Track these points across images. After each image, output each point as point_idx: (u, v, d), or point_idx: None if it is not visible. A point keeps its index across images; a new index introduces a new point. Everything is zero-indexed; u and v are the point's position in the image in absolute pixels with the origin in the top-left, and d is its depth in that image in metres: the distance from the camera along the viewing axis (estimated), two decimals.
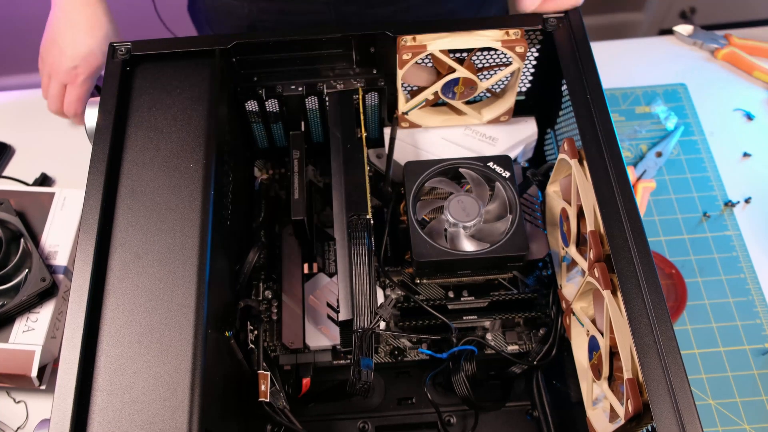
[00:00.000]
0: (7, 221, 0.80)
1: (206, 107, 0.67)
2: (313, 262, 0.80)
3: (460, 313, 0.75)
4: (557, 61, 0.72)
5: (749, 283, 0.88)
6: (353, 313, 0.65)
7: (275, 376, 0.70)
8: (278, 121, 0.83)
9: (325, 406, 0.77)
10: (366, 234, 0.68)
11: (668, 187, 0.96)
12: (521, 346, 0.76)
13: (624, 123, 1.01)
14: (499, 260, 0.72)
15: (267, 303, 0.79)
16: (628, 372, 0.56)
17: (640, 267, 0.58)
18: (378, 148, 0.85)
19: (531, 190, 0.80)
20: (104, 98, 0.67)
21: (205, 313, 0.57)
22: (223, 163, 0.69)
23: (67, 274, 0.80)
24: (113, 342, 0.56)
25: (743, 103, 1.02)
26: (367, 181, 0.73)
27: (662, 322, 0.56)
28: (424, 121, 0.83)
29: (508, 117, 0.83)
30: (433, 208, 0.75)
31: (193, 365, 0.55)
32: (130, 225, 0.61)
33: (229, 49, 0.71)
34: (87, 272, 0.58)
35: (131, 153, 0.65)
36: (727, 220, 0.92)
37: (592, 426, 0.64)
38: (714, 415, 0.79)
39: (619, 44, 1.10)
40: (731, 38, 1.06)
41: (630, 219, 0.61)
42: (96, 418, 0.53)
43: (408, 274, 0.78)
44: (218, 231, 0.64)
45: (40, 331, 0.76)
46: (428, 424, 0.76)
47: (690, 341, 0.84)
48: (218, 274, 0.63)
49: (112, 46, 0.70)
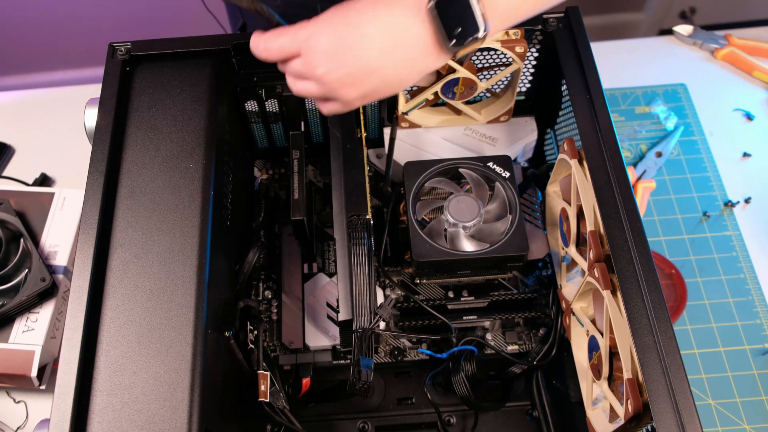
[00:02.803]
0: (6, 221, 0.80)
1: (206, 107, 0.67)
2: (313, 262, 0.80)
3: (459, 313, 0.75)
4: (557, 61, 0.72)
5: (749, 283, 0.88)
6: (353, 313, 0.65)
7: (275, 376, 0.70)
8: (278, 121, 0.83)
9: (325, 406, 0.77)
10: (366, 234, 0.68)
11: (668, 187, 0.96)
12: (521, 346, 0.76)
13: (624, 123, 1.01)
14: (498, 260, 0.72)
15: (267, 303, 0.79)
16: (627, 372, 0.56)
17: (640, 267, 0.58)
18: (378, 148, 0.85)
19: (531, 190, 0.80)
20: (104, 98, 0.67)
21: (205, 313, 0.57)
22: (223, 163, 0.69)
23: (66, 274, 0.80)
24: (113, 342, 0.56)
25: (743, 103, 1.02)
26: (366, 181, 0.73)
27: (662, 322, 0.56)
28: (424, 121, 0.83)
29: (508, 117, 0.83)
30: (433, 208, 0.75)
31: (193, 365, 0.55)
32: (129, 225, 0.61)
33: (229, 49, 0.71)
34: (87, 272, 0.58)
35: (131, 153, 0.65)
36: (726, 220, 0.92)
37: (591, 426, 0.64)
38: (714, 415, 0.79)
39: (619, 44, 1.10)
40: (731, 38, 1.06)
41: (630, 219, 0.61)
42: (96, 418, 0.53)
43: (408, 274, 0.78)
44: (218, 231, 0.64)
45: (40, 331, 0.76)
46: (428, 424, 0.76)
47: (690, 341, 0.84)
48: (218, 274, 0.63)
49: (112, 46, 0.70)
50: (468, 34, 0.56)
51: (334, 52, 0.58)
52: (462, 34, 0.56)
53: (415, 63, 0.59)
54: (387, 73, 0.59)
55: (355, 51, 0.57)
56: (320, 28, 0.58)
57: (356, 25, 0.57)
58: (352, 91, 0.60)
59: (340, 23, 0.58)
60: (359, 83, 0.59)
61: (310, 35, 0.58)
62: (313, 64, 0.59)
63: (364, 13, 0.57)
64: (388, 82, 0.60)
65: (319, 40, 0.58)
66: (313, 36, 0.58)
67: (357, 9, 0.58)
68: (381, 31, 0.57)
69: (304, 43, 0.59)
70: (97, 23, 1.67)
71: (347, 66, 0.58)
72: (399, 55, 0.58)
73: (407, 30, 0.57)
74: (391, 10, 0.57)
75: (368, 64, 0.58)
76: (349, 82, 0.59)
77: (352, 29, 0.57)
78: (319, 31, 0.58)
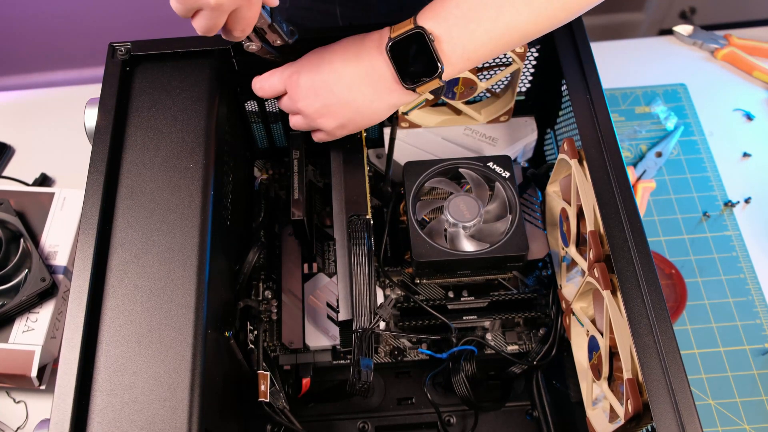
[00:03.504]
0: (6, 221, 0.80)
1: (206, 107, 0.67)
2: (313, 262, 0.80)
3: (459, 313, 0.75)
4: (557, 61, 0.72)
5: (749, 283, 0.88)
6: (353, 313, 0.65)
7: (275, 376, 0.70)
8: (278, 121, 0.83)
9: (325, 406, 0.77)
10: (366, 234, 0.68)
11: (668, 187, 0.96)
12: (521, 346, 0.76)
13: (624, 123, 1.01)
14: (498, 260, 0.72)
15: (267, 303, 0.79)
16: (627, 372, 0.56)
17: (640, 267, 0.58)
18: (378, 148, 0.85)
19: (531, 190, 0.80)
20: (104, 98, 0.67)
21: (205, 313, 0.57)
22: (223, 163, 0.69)
23: (66, 274, 0.80)
24: (113, 342, 0.56)
25: (743, 103, 1.02)
26: (366, 181, 0.73)
27: (662, 322, 0.56)
28: (424, 121, 0.83)
29: (507, 117, 0.83)
30: (433, 208, 0.75)
31: (193, 365, 0.55)
32: (129, 225, 0.61)
33: (228, 49, 0.71)
34: (87, 272, 0.58)
35: (131, 153, 0.65)
36: (726, 220, 0.92)
37: (591, 426, 0.64)
38: (714, 415, 0.79)
39: (619, 44, 1.10)
40: (731, 38, 1.06)
41: (630, 219, 0.61)
42: (96, 418, 0.53)
43: (408, 274, 0.78)
44: (218, 231, 0.64)
45: (40, 331, 0.76)
46: (428, 424, 0.76)
47: (690, 341, 0.84)
48: (218, 274, 0.63)
49: (112, 46, 0.70)
50: (422, 75, 0.62)
51: (311, 87, 0.65)
52: (416, 74, 0.62)
53: (382, 97, 0.65)
54: (358, 105, 0.65)
55: (328, 85, 0.65)
56: (302, 68, 0.66)
57: (330, 62, 0.65)
58: (330, 121, 0.67)
59: (317, 63, 0.66)
60: (335, 113, 0.66)
61: (292, 74, 0.67)
62: (294, 98, 0.67)
63: (338, 53, 0.65)
64: (362, 113, 0.66)
65: (300, 77, 0.66)
66: (295, 74, 0.66)
67: (332, 50, 0.66)
68: (351, 69, 0.64)
69: (287, 80, 0.67)
70: (97, 23, 1.67)
71: (322, 99, 0.65)
72: (367, 90, 0.64)
73: (373, 68, 0.63)
74: (360, 50, 0.64)
75: (340, 96, 0.65)
76: (326, 113, 0.66)
77: (326, 66, 0.65)
78: (301, 71, 0.66)
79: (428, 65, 0.61)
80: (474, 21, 0.60)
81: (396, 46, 0.61)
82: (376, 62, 0.63)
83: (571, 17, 0.62)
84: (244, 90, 0.77)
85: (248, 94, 0.78)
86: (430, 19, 0.61)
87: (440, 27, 0.60)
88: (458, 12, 0.60)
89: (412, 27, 0.61)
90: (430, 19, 0.61)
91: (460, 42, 0.60)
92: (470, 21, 0.60)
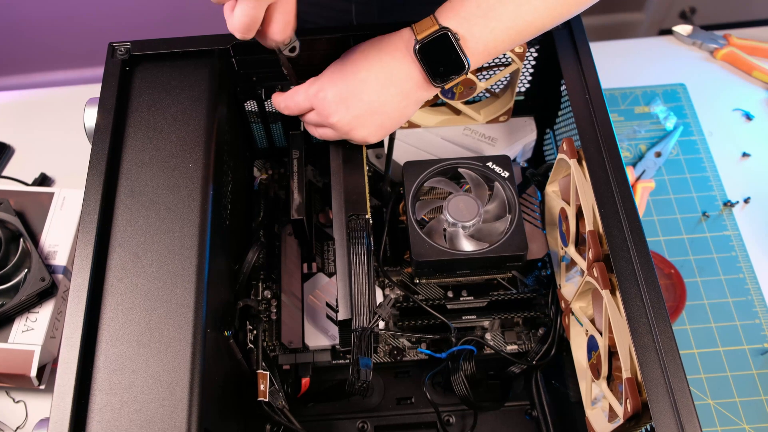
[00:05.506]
0: (6, 221, 0.80)
1: (206, 107, 0.67)
2: (312, 262, 0.80)
3: (459, 312, 0.76)
4: (556, 61, 0.72)
5: (748, 283, 0.88)
6: (352, 313, 0.65)
7: (274, 376, 0.70)
8: (278, 121, 0.83)
9: (324, 406, 0.77)
10: (365, 234, 0.68)
11: (667, 187, 0.96)
12: (520, 345, 0.76)
13: (623, 123, 1.01)
14: (498, 260, 0.72)
15: (266, 303, 0.79)
16: (626, 371, 0.56)
17: (639, 267, 0.58)
18: (377, 148, 0.85)
19: (530, 190, 0.80)
20: (104, 98, 0.67)
21: (204, 312, 0.57)
22: (223, 163, 0.69)
23: (66, 274, 0.80)
24: (112, 341, 0.56)
25: (742, 103, 1.02)
26: (366, 181, 0.73)
27: (661, 322, 0.56)
28: (423, 121, 0.83)
29: (507, 117, 0.83)
30: (432, 207, 0.75)
31: (192, 365, 0.55)
32: (129, 225, 0.61)
33: (228, 49, 0.71)
34: (86, 272, 0.58)
35: (130, 153, 0.65)
36: (726, 220, 0.92)
37: (591, 426, 0.64)
38: (713, 414, 0.79)
39: (619, 44, 1.10)
40: (731, 38, 1.06)
41: (629, 219, 0.61)
42: (95, 418, 0.53)
43: (407, 273, 0.78)
44: (217, 231, 0.64)
45: (40, 330, 0.76)
46: (427, 424, 0.76)
47: (689, 341, 0.84)
48: (217, 274, 0.63)
49: (112, 46, 0.70)
50: (451, 72, 0.65)
51: (340, 101, 0.66)
52: (446, 72, 0.65)
53: (409, 95, 0.67)
54: (388, 109, 0.67)
55: (357, 94, 0.66)
56: (326, 83, 0.67)
57: (354, 73, 0.66)
58: (362, 131, 0.68)
59: (340, 75, 0.67)
60: (367, 122, 0.67)
61: (318, 90, 0.67)
62: (324, 113, 0.68)
63: (359, 62, 0.66)
64: (391, 117, 0.68)
65: (327, 92, 0.67)
66: (321, 91, 0.67)
67: (352, 60, 0.67)
68: (375, 74, 0.66)
69: (314, 98, 0.68)
70: (97, 23, 1.67)
71: (353, 109, 0.66)
72: (394, 90, 0.66)
73: (398, 69, 0.65)
74: (381, 55, 0.66)
75: (370, 104, 0.66)
76: (358, 124, 0.67)
77: (351, 77, 0.66)
78: (326, 86, 0.67)
79: (456, 63, 0.64)
80: (494, 19, 0.63)
81: (423, 48, 0.64)
82: (402, 64, 0.65)
83: (583, 7, 0.65)
84: (243, 90, 0.77)
85: (248, 93, 0.78)
86: (451, 18, 0.63)
87: (462, 27, 0.63)
88: (479, 12, 0.63)
89: (438, 28, 0.63)
90: (452, 18, 0.63)
91: (482, 40, 0.63)
92: (491, 20, 0.63)
